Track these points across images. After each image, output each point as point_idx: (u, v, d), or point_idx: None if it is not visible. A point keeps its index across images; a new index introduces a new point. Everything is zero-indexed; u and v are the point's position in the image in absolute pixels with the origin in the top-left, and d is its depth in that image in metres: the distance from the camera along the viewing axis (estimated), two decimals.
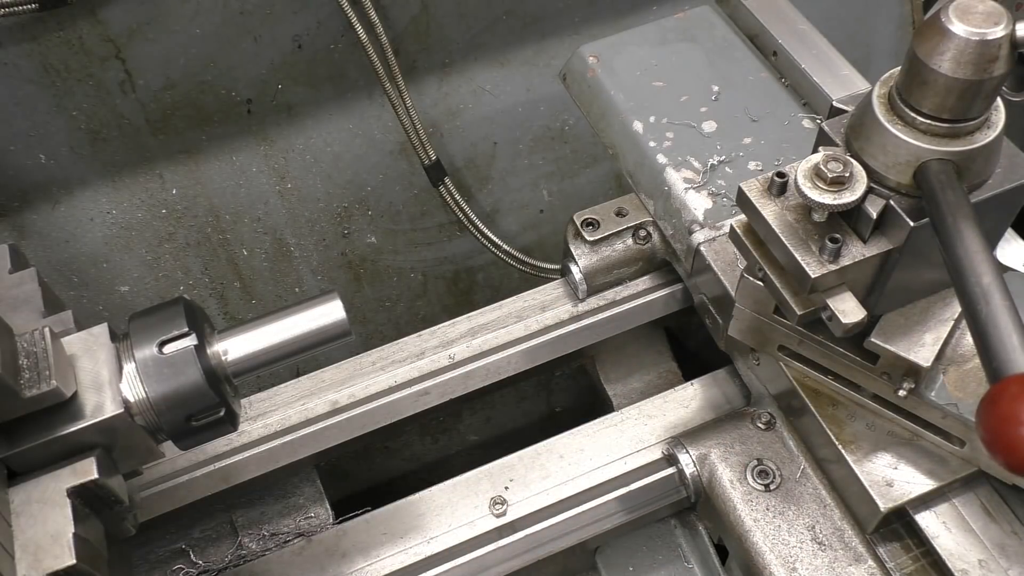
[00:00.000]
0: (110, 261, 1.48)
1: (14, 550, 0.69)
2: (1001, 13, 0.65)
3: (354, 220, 1.62)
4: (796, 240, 0.77)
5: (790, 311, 0.82)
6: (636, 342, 1.23)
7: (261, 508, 1.09)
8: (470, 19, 1.47)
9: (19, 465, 0.72)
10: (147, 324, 0.76)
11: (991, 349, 0.58)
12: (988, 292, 0.60)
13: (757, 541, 0.95)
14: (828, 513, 0.96)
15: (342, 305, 0.80)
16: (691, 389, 1.15)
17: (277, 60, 1.37)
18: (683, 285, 1.16)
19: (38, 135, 1.30)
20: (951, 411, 0.88)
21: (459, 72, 1.53)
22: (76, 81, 1.27)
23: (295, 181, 1.53)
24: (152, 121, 1.36)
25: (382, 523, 1.05)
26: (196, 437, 0.78)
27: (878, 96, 0.73)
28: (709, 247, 1.06)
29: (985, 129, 0.71)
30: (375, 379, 1.12)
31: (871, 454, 0.93)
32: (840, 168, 0.73)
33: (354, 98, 1.48)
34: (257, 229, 1.56)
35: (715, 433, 1.03)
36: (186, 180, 1.45)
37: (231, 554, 1.05)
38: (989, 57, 0.65)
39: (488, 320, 1.17)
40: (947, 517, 0.93)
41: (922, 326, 0.87)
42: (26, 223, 1.38)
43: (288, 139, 1.48)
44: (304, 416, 1.10)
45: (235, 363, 0.79)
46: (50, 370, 0.70)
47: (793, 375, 0.98)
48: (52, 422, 0.72)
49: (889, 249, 0.76)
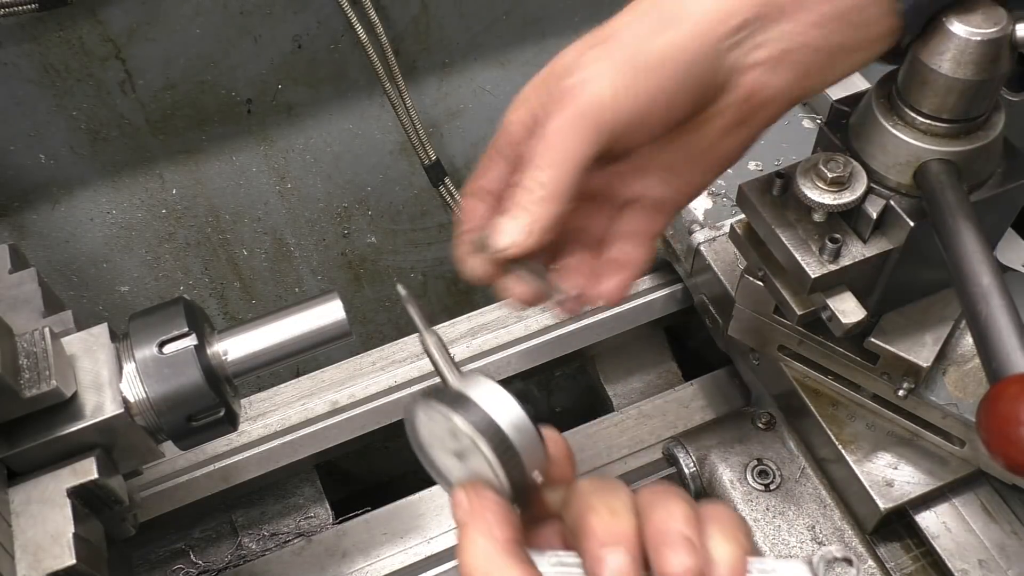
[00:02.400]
0: (110, 261, 1.47)
1: (14, 550, 0.69)
2: (1001, 13, 0.65)
3: (354, 220, 1.62)
4: (796, 240, 0.77)
5: (790, 311, 0.82)
6: (636, 342, 1.23)
7: (261, 508, 1.09)
8: (470, 19, 1.46)
9: (19, 465, 0.72)
10: (147, 324, 0.76)
11: (991, 349, 0.58)
12: (988, 292, 0.60)
13: (757, 541, 0.95)
14: (828, 513, 0.96)
15: (342, 305, 0.80)
16: (691, 389, 1.15)
17: (277, 60, 1.37)
18: (683, 285, 1.16)
19: (38, 135, 1.30)
20: (951, 411, 0.88)
21: (459, 72, 1.53)
22: (76, 81, 1.27)
23: (295, 181, 1.53)
24: (152, 121, 1.36)
25: (382, 523, 1.05)
26: (196, 437, 0.78)
27: (878, 96, 0.73)
28: (709, 247, 1.06)
29: (985, 129, 0.71)
30: (375, 379, 1.12)
31: (871, 454, 0.93)
32: (840, 168, 0.73)
33: (354, 98, 1.48)
34: (257, 229, 1.56)
35: (715, 433, 1.03)
36: (186, 180, 1.45)
37: (231, 554, 1.05)
38: (989, 57, 0.65)
39: (488, 320, 1.17)
40: (947, 517, 0.93)
41: (922, 326, 0.87)
42: (26, 223, 1.38)
43: (288, 139, 1.48)
44: (304, 416, 1.10)
45: (235, 363, 0.79)
46: (50, 370, 0.70)
47: (793, 375, 0.98)
48: (52, 422, 0.72)
49: (889, 249, 0.76)
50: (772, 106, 0.67)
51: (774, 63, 0.65)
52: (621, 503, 0.55)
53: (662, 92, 0.62)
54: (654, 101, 0.62)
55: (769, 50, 0.64)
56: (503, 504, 0.56)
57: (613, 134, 0.62)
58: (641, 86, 0.61)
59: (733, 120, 0.67)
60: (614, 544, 0.52)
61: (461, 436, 0.57)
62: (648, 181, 0.70)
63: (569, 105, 0.61)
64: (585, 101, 0.61)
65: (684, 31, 0.62)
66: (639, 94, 0.61)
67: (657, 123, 0.64)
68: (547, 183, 0.61)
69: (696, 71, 0.63)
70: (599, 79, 0.61)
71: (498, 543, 0.54)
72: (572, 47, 0.65)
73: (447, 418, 0.57)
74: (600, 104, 0.61)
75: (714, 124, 0.67)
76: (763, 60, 0.64)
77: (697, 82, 0.63)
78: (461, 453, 0.59)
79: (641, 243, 0.71)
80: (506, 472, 0.57)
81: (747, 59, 0.64)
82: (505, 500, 0.57)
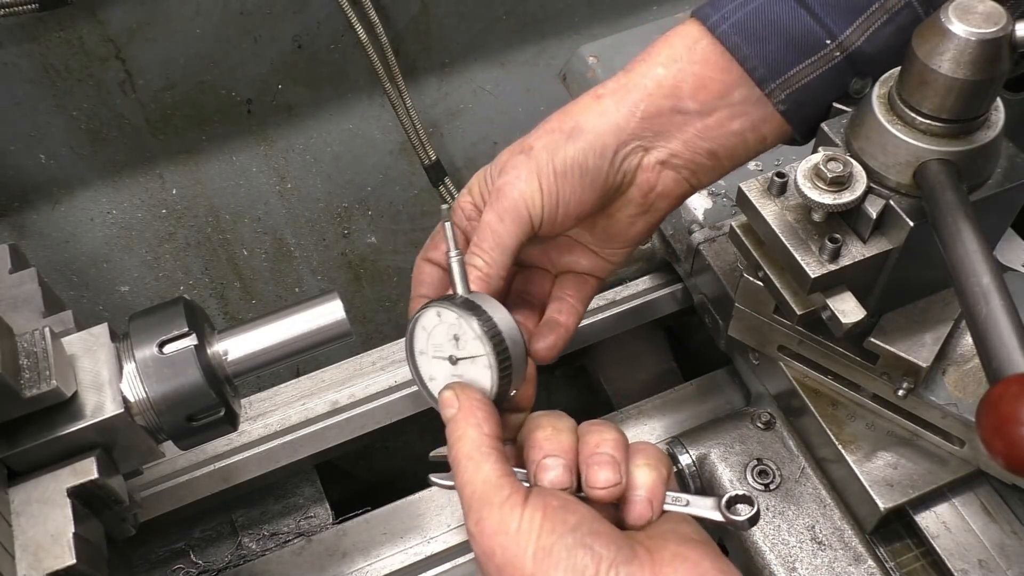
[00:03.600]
0: (110, 261, 1.48)
1: (14, 550, 0.69)
2: (1001, 13, 0.65)
3: (354, 220, 1.62)
4: (796, 240, 0.77)
5: (790, 311, 0.82)
6: (636, 342, 1.23)
7: (261, 508, 1.09)
8: (470, 19, 1.47)
9: (19, 465, 0.72)
10: (147, 324, 0.76)
11: (991, 349, 0.58)
12: (988, 292, 0.60)
13: (757, 541, 0.95)
14: (828, 513, 0.97)
15: (342, 305, 0.80)
16: (691, 389, 1.15)
17: (277, 60, 1.37)
18: (683, 285, 1.16)
19: (38, 135, 1.30)
20: (951, 411, 0.88)
21: (459, 72, 1.53)
22: (76, 81, 1.27)
23: (295, 181, 1.53)
24: (152, 121, 1.36)
25: (382, 523, 1.05)
26: (196, 437, 0.78)
27: (878, 96, 0.73)
28: (709, 247, 1.06)
29: (985, 129, 0.71)
30: (375, 379, 1.12)
31: (871, 454, 0.93)
32: (840, 168, 0.73)
33: (354, 98, 1.48)
34: (257, 229, 1.56)
35: (715, 433, 1.03)
36: (186, 180, 1.45)
37: (231, 554, 1.05)
38: (989, 57, 0.65)
39: None
40: (947, 517, 0.93)
41: (922, 326, 0.88)
42: (26, 223, 1.38)
43: (288, 139, 1.48)
44: (304, 416, 1.10)
45: (235, 363, 0.79)
46: (50, 370, 0.70)
47: (793, 375, 0.98)
48: (52, 422, 0.72)
49: (889, 249, 0.76)
50: (669, 198, 0.82)
51: (662, 167, 0.79)
52: (564, 425, 0.68)
53: (572, 191, 0.76)
54: (567, 197, 0.76)
55: (657, 156, 0.79)
56: (489, 403, 0.68)
57: (535, 223, 0.76)
58: (555, 187, 0.75)
59: (637, 210, 0.81)
60: (554, 455, 0.65)
61: (465, 340, 0.67)
62: (575, 256, 0.86)
63: (500, 200, 0.76)
64: (511, 199, 0.75)
65: (582, 145, 0.76)
66: (553, 193, 0.75)
67: (572, 213, 0.77)
68: (487, 263, 0.75)
69: (596, 174, 0.77)
70: (520, 182, 0.76)
71: (485, 436, 0.65)
72: (504, 151, 0.79)
73: (461, 321, 0.67)
74: (522, 201, 0.75)
75: (624, 212, 0.82)
76: (652, 165, 0.79)
77: (598, 182, 0.77)
78: (456, 358, 0.69)
79: (571, 309, 0.86)
80: (499, 377, 0.67)
81: (641, 163, 0.79)
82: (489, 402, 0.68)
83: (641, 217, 0.82)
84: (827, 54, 0.75)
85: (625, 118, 0.77)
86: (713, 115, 0.77)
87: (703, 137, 0.78)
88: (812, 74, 0.75)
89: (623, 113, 0.77)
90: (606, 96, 0.78)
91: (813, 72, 0.75)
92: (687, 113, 0.77)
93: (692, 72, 0.76)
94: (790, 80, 0.75)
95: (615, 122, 0.77)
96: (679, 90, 0.76)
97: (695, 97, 0.76)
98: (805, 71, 0.75)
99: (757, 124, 0.78)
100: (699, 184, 0.82)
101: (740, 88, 0.76)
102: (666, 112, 0.77)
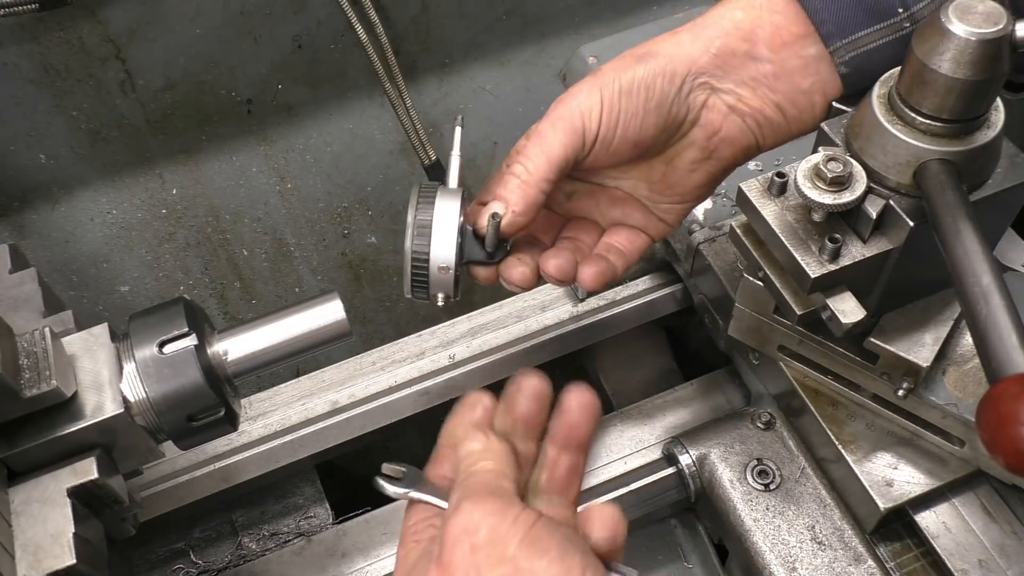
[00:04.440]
0: (110, 261, 1.48)
1: (14, 550, 0.69)
2: (1001, 13, 0.65)
3: (354, 220, 1.62)
4: (796, 240, 0.77)
5: (790, 311, 0.82)
6: (636, 342, 1.23)
7: (261, 508, 1.09)
8: (470, 19, 1.47)
9: (19, 465, 0.72)
10: (147, 324, 0.76)
11: (991, 349, 0.58)
12: (988, 292, 0.60)
13: (757, 541, 0.95)
14: (828, 513, 0.97)
15: (342, 305, 0.80)
16: (691, 389, 1.15)
17: (277, 60, 1.37)
18: (683, 285, 1.16)
19: (38, 135, 1.30)
20: (951, 411, 0.88)
21: (459, 72, 1.53)
22: (76, 81, 1.27)
23: (295, 181, 1.53)
24: (152, 121, 1.36)
25: (382, 523, 1.05)
26: (196, 437, 0.78)
27: (878, 96, 0.73)
28: (709, 247, 1.06)
29: (985, 129, 0.71)
30: (375, 379, 1.12)
31: (871, 454, 0.93)
32: (840, 168, 0.73)
33: (354, 98, 1.48)
34: (257, 229, 1.56)
35: (715, 433, 1.03)
36: (186, 180, 1.45)
37: (231, 554, 1.05)
38: (989, 57, 0.65)
39: (488, 320, 1.17)
40: (947, 517, 0.93)
41: (922, 326, 0.88)
42: (26, 223, 1.38)
43: (288, 139, 1.48)
44: (304, 416, 1.10)
45: (235, 363, 0.79)
46: (50, 370, 0.70)
47: (793, 375, 0.98)
48: (52, 422, 0.72)
49: (889, 249, 0.76)
50: (734, 147, 0.81)
51: (729, 111, 0.79)
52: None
53: (635, 112, 0.75)
54: (628, 117, 0.75)
55: (725, 100, 0.78)
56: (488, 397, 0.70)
57: (587, 139, 0.75)
58: (617, 104, 0.75)
59: (700, 154, 0.80)
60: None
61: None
62: (628, 210, 0.84)
63: (556, 109, 0.75)
64: (568, 107, 0.75)
65: (653, 67, 0.76)
66: (614, 109, 0.75)
67: (631, 138, 0.76)
68: (527, 171, 0.73)
69: (662, 99, 0.76)
70: (582, 94, 0.76)
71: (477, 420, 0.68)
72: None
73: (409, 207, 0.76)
74: (579, 111, 0.75)
75: (684, 156, 0.80)
76: (720, 106, 0.78)
77: (663, 108, 0.76)
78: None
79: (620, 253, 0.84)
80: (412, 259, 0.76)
81: (708, 101, 0.78)
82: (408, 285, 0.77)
83: (702, 164, 0.81)
84: (897, 23, 0.74)
85: (699, 51, 0.77)
86: (784, 67, 0.77)
87: (772, 88, 0.77)
88: (879, 40, 0.75)
89: (698, 47, 0.77)
90: (683, 32, 0.79)
91: (880, 39, 0.75)
92: (759, 60, 0.77)
93: (769, 21, 0.76)
94: (857, 42, 0.75)
95: (689, 53, 0.77)
96: (755, 35, 0.77)
97: (769, 44, 0.76)
98: (873, 36, 0.75)
99: (823, 85, 0.77)
100: (763, 140, 0.81)
101: (812, 45, 0.76)
102: (740, 55, 0.77)
